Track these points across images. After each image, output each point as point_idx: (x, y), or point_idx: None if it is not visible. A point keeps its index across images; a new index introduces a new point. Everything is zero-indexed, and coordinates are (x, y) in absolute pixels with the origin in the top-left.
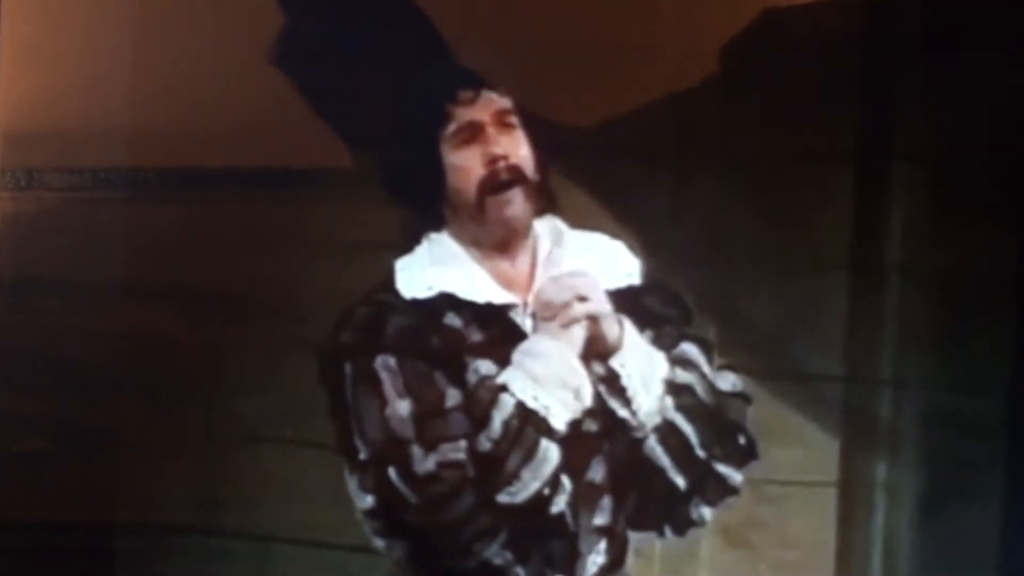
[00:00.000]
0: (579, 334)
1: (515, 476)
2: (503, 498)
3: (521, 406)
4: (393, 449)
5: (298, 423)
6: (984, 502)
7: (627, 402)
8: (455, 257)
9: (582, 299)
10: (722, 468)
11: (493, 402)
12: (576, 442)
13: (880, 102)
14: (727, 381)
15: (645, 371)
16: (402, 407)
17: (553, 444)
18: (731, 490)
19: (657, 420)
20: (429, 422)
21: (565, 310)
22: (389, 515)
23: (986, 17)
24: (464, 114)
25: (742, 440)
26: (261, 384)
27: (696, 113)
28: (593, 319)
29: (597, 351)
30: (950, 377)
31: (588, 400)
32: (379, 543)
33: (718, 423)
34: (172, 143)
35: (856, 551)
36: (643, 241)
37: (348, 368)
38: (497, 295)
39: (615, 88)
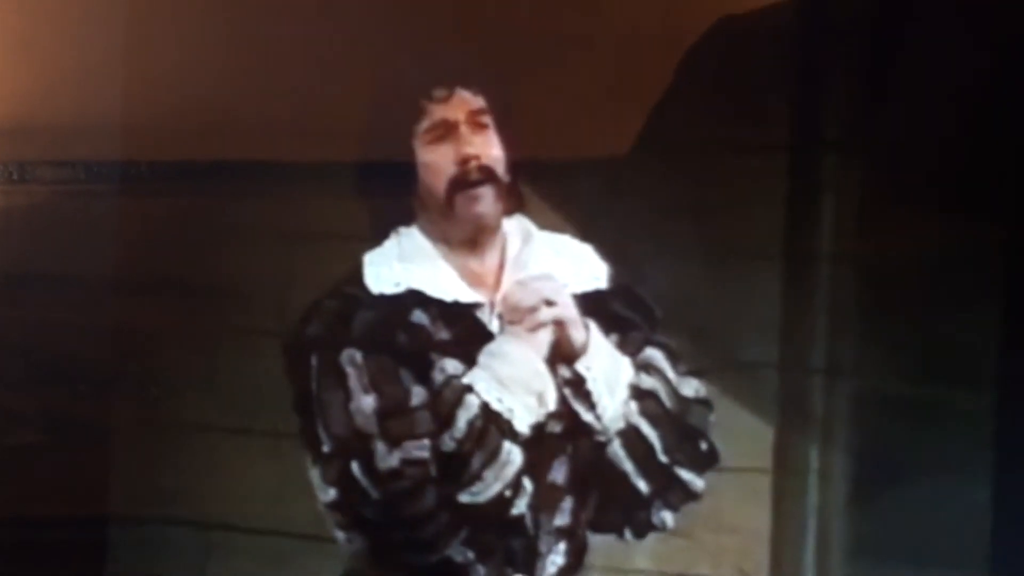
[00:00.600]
0: (545, 338)
1: (478, 477)
2: (465, 498)
3: (486, 407)
4: (357, 443)
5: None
6: (915, 488)
7: (592, 406)
8: (424, 253)
9: (549, 303)
10: (684, 473)
11: (458, 402)
12: (539, 444)
13: (812, 92)
14: (690, 387)
15: (610, 375)
16: (367, 402)
17: (516, 447)
18: (692, 495)
19: (621, 425)
20: (393, 419)
21: (532, 314)
22: (351, 509)
23: (916, 5)
24: (438, 112)
25: (704, 446)
26: (252, 376)
27: (629, 105)
28: (560, 323)
29: (563, 355)
30: (882, 364)
31: (552, 405)
32: (340, 536)
33: (681, 429)
34: (165, 137)
35: (790, 537)
36: (578, 231)
37: (314, 361)
38: (464, 294)
39: (551, 81)
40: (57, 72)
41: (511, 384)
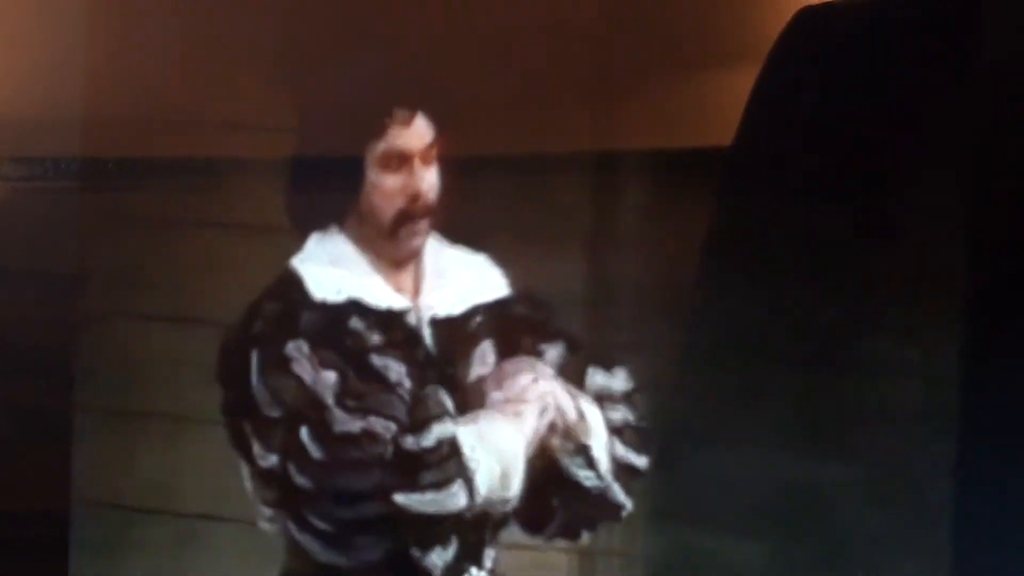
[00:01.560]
0: (531, 424)
1: (422, 489)
2: (399, 498)
3: (458, 446)
4: (311, 411)
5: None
6: (717, 456)
7: (596, 474)
8: (352, 260)
9: (542, 393)
10: (636, 460)
11: (439, 417)
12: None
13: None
14: (622, 381)
15: (601, 439)
16: (327, 376)
17: (464, 494)
18: (640, 475)
19: (611, 466)
20: (356, 387)
21: (528, 404)
22: (287, 477)
23: None
24: (396, 138)
25: (643, 424)
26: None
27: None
28: (559, 410)
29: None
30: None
31: (511, 493)
32: (265, 512)
33: (638, 427)
34: (129, 132)
35: None
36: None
37: (255, 357)
38: (396, 301)
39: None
40: (19, 67)
41: (488, 447)
